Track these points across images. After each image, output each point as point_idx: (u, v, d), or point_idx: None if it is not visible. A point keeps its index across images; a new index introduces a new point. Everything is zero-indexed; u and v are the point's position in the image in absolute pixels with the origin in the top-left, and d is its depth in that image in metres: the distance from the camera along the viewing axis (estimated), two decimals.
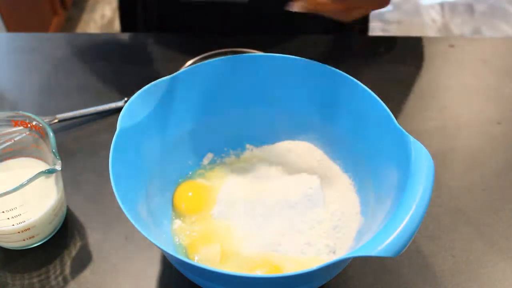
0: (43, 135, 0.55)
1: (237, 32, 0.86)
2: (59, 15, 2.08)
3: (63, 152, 0.65)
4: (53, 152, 0.52)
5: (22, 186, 0.49)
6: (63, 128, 0.71)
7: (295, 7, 0.56)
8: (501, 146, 0.69)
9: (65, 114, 0.71)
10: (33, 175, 0.50)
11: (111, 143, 0.49)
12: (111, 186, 0.45)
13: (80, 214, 0.61)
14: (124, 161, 0.49)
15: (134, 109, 0.52)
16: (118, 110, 0.70)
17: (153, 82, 0.54)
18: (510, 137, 0.70)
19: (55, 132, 0.54)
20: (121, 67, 0.81)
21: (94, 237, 0.59)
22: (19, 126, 0.57)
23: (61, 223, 0.59)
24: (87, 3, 2.35)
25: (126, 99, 0.74)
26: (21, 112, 0.56)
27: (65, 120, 0.71)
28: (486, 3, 2.30)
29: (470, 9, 2.28)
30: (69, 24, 2.21)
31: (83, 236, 0.59)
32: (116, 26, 2.23)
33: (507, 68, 0.81)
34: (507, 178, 0.65)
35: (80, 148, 0.69)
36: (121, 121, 0.50)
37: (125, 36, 0.90)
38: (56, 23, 2.05)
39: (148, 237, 0.42)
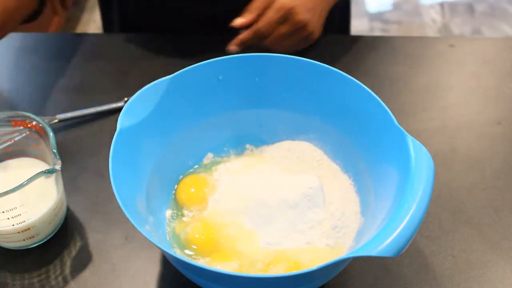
0: (43, 135, 0.55)
1: (236, 32, 0.86)
2: (59, 15, 2.07)
3: (63, 152, 0.65)
4: (53, 152, 0.52)
5: (21, 186, 0.49)
6: (63, 128, 0.71)
7: (232, 48, 0.72)
8: (501, 146, 0.69)
9: (65, 114, 0.72)
10: (32, 175, 0.50)
11: (111, 143, 0.49)
12: (111, 186, 0.45)
13: (80, 214, 0.61)
14: (124, 161, 0.49)
15: (134, 109, 0.52)
16: (118, 110, 0.70)
17: (153, 82, 0.54)
18: (510, 137, 0.70)
19: (55, 132, 0.54)
20: (121, 67, 0.81)
21: (94, 237, 0.59)
22: (19, 126, 0.57)
23: (61, 223, 0.59)
24: (87, 3, 2.35)
25: (126, 99, 0.74)
26: (21, 112, 0.56)
27: (65, 120, 0.71)
28: (486, 3, 2.30)
29: (470, 9, 2.28)
30: (69, 24, 2.21)
31: (83, 236, 0.59)
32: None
33: (507, 68, 0.81)
34: (507, 178, 0.65)
35: (80, 148, 0.69)
36: (121, 121, 0.50)
37: (125, 36, 0.90)
38: (56, 23, 2.05)
39: (148, 237, 0.42)
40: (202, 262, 0.52)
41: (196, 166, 0.61)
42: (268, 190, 0.55)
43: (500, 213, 0.61)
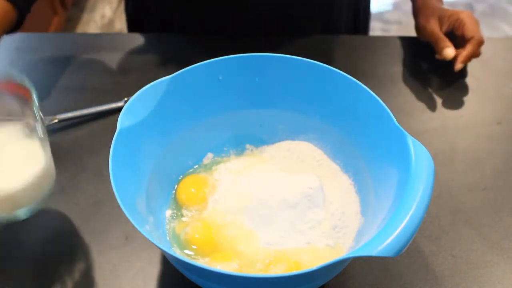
0: (28, 98, 0.53)
1: (238, 34, 0.86)
2: (59, 15, 2.07)
3: (63, 152, 0.65)
4: (34, 112, 0.48)
5: None
6: (63, 128, 0.71)
7: (460, 66, 0.75)
8: (501, 146, 0.69)
9: (65, 114, 0.71)
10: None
11: (111, 143, 0.49)
12: (111, 186, 0.45)
13: (80, 214, 0.61)
14: (124, 161, 0.49)
15: (134, 109, 0.52)
16: (118, 110, 0.70)
17: (153, 82, 0.54)
18: (510, 137, 0.70)
19: (55, 132, 0.54)
20: (121, 67, 0.81)
21: (94, 238, 0.59)
22: (3, 89, 0.54)
23: (49, 194, 0.56)
24: (87, 3, 2.35)
25: (126, 99, 0.74)
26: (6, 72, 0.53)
27: (65, 120, 0.71)
28: (486, 3, 2.30)
29: (470, 9, 2.28)
30: (69, 24, 2.21)
31: (83, 237, 0.59)
32: (116, 26, 2.23)
33: (507, 68, 0.81)
34: (507, 178, 0.65)
35: (80, 148, 0.69)
36: (121, 121, 0.50)
37: (125, 36, 0.90)
38: (56, 23, 2.05)
39: (148, 237, 0.42)
40: (202, 262, 0.52)
41: (196, 166, 0.61)
42: (268, 190, 0.55)
43: (500, 213, 0.61)
